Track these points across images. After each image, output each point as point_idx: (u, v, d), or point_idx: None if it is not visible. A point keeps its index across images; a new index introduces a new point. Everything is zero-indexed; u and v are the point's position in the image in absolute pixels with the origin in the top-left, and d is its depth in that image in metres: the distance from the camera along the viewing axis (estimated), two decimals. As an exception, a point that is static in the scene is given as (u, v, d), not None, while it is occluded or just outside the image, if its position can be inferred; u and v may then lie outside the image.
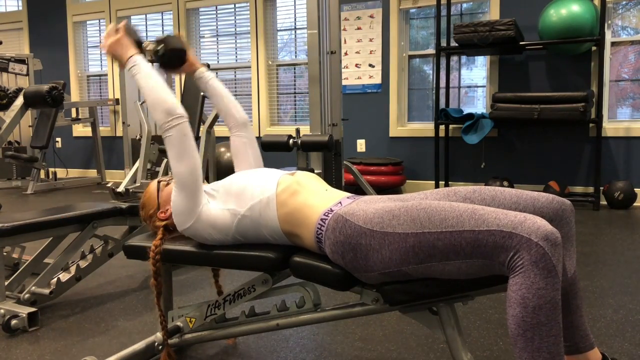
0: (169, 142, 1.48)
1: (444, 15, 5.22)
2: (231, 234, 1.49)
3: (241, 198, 1.48)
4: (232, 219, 1.48)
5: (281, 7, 6.20)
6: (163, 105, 1.48)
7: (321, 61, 3.92)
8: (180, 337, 1.67)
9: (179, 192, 1.49)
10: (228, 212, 1.48)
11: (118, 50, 1.57)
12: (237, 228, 1.48)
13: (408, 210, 1.25)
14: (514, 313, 1.11)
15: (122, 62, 1.57)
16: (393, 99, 5.56)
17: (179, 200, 1.50)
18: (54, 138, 7.42)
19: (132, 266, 2.91)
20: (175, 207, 1.51)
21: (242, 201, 1.48)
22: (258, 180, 1.50)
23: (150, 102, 1.50)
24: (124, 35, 1.58)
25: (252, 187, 1.49)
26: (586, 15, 4.39)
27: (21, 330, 2.04)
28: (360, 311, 1.42)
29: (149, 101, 1.50)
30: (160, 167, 5.49)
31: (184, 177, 1.48)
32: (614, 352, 1.76)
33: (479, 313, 2.15)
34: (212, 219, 1.49)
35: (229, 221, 1.48)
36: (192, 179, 1.48)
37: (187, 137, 1.48)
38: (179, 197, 1.50)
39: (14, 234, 2.12)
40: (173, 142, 1.47)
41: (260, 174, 1.53)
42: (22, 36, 7.73)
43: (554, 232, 1.10)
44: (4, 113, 5.69)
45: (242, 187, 1.50)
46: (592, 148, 4.79)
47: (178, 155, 1.47)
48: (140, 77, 1.53)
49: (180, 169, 1.47)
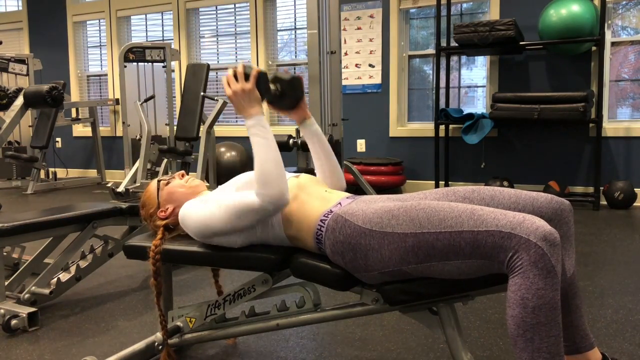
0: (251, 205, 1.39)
1: (444, 15, 5.22)
2: (239, 241, 1.48)
3: None
4: None
5: (281, 7, 6.20)
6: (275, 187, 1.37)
7: (321, 61, 3.92)
8: (180, 337, 1.68)
9: (229, 221, 1.42)
10: None
11: (244, 103, 1.42)
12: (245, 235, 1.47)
13: (407, 210, 1.25)
14: (514, 313, 1.11)
15: (242, 114, 1.43)
16: (393, 99, 5.56)
17: (227, 218, 1.42)
18: (54, 138, 7.42)
19: (132, 266, 2.91)
20: (214, 221, 1.44)
21: None
22: None
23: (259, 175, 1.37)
24: (254, 88, 1.42)
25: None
26: (586, 15, 4.39)
27: (21, 330, 2.04)
28: (360, 311, 1.42)
29: (259, 173, 1.37)
30: (160, 167, 5.50)
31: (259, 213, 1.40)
32: (614, 352, 1.76)
33: (479, 313, 2.15)
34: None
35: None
36: (255, 219, 1.42)
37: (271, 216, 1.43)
38: (229, 215, 1.42)
39: (14, 234, 2.12)
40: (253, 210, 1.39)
41: None
42: (22, 36, 7.73)
43: (552, 233, 1.10)
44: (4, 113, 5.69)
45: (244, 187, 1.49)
46: (592, 148, 4.78)
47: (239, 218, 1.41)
48: (260, 144, 1.39)
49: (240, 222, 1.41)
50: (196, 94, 5.00)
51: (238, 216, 1.40)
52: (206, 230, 1.46)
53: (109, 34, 7.09)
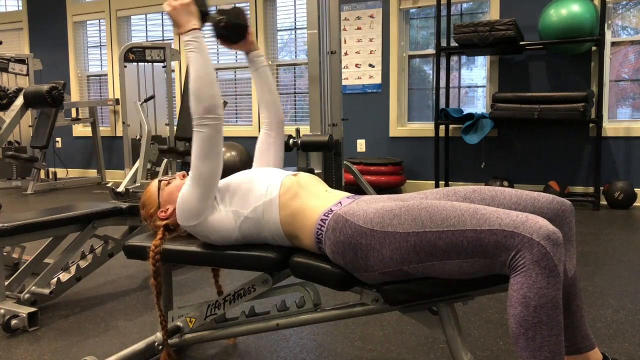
0: (199, 137, 1.43)
1: (444, 15, 5.22)
2: (234, 235, 1.48)
3: (245, 199, 1.48)
4: (236, 220, 1.47)
5: (281, 7, 6.20)
6: (207, 99, 1.42)
7: (321, 61, 3.92)
8: (180, 337, 1.67)
9: (193, 188, 1.47)
10: (232, 213, 1.48)
11: (181, 16, 1.48)
12: (240, 229, 1.48)
13: (409, 210, 1.25)
14: (516, 312, 1.11)
15: (181, 30, 1.49)
16: (393, 99, 5.56)
17: (191, 197, 1.47)
18: (54, 138, 7.42)
19: (132, 266, 2.91)
20: (183, 201, 1.49)
21: (246, 202, 1.47)
22: (262, 181, 1.50)
23: (194, 89, 1.43)
24: (192, 2, 1.50)
25: (256, 188, 1.48)
26: (586, 15, 4.39)
27: (21, 330, 2.04)
28: (360, 311, 1.42)
29: (193, 88, 1.43)
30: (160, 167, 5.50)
31: (204, 176, 1.45)
32: (614, 352, 1.76)
33: (479, 313, 2.14)
34: (216, 220, 1.48)
35: (232, 222, 1.48)
36: (210, 180, 1.46)
37: (218, 138, 1.45)
38: (191, 193, 1.47)
39: (14, 234, 2.12)
40: (203, 139, 1.43)
41: (264, 175, 1.52)
42: (22, 36, 7.73)
43: (555, 232, 1.10)
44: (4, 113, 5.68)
45: (246, 188, 1.49)
46: (592, 148, 4.78)
47: (204, 153, 1.44)
48: (195, 58, 1.45)
49: (203, 167, 1.45)
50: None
51: (199, 159, 1.44)
52: (187, 217, 1.50)
53: (109, 34, 7.09)
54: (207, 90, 1.43)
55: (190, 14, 1.49)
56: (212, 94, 1.43)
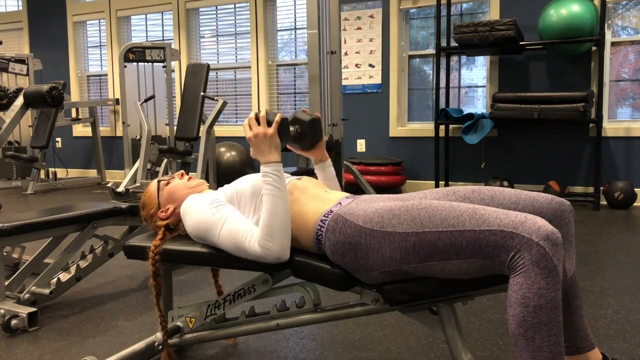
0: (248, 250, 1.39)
1: (444, 15, 5.22)
2: None
3: (250, 205, 1.48)
4: None
5: (281, 7, 6.20)
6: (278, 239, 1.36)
7: (321, 61, 3.92)
8: (180, 337, 1.67)
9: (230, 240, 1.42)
10: None
11: (263, 147, 1.40)
12: None
13: (408, 210, 1.25)
14: (515, 313, 1.11)
15: (261, 159, 1.41)
16: (393, 99, 5.56)
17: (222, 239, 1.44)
18: (54, 138, 7.42)
19: (132, 266, 2.91)
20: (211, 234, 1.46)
21: (251, 208, 1.48)
22: None
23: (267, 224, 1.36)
24: (275, 134, 1.40)
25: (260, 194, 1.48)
26: (586, 15, 4.39)
27: (21, 330, 2.04)
28: (360, 311, 1.42)
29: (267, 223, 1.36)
30: (160, 167, 5.50)
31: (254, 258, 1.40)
32: (614, 352, 1.76)
33: (479, 313, 2.14)
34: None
35: None
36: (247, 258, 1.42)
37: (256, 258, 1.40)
38: (225, 239, 1.43)
39: (14, 234, 2.12)
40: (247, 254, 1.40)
41: None
42: (22, 36, 7.73)
43: (554, 232, 1.10)
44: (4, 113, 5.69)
45: (251, 193, 1.49)
46: (592, 148, 4.78)
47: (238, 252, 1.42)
48: (273, 193, 1.37)
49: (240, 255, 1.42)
50: (196, 94, 5.00)
51: (234, 245, 1.42)
52: (200, 235, 1.50)
53: (109, 34, 7.09)
54: (279, 233, 1.36)
55: (272, 146, 1.40)
56: (282, 238, 1.36)
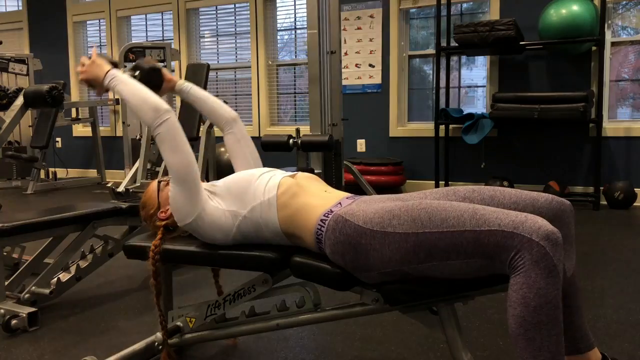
0: (160, 139, 1.48)
1: (444, 15, 5.21)
2: (232, 234, 1.49)
3: (242, 199, 1.48)
4: (234, 220, 1.48)
5: (281, 7, 6.20)
6: (148, 104, 1.49)
7: (321, 61, 3.92)
8: (180, 337, 1.67)
9: (177, 186, 1.49)
10: (229, 213, 1.48)
11: (94, 71, 1.58)
12: (238, 229, 1.48)
13: (408, 210, 1.25)
14: (515, 313, 1.11)
15: (100, 80, 1.57)
16: (393, 99, 5.56)
17: (178, 194, 1.50)
18: (54, 138, 7.41)
19: (132, 266, 2.90)
20: (174, 202, 1.51)
21: (244, 202, 1.48)
22: (259, 181, 1.50)
23: (135, 105, 1.50)
24: (96, 57, 1.60)
25: (253, 188, 1.49)
26: (586, 15, 4.39)
27: (21, 330, 2.04)
28: (360, 311, 1.42)
29: (134, 105, 1.50)
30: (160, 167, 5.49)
31: (180, 170, 1.48)
32: (614, 352, 1.76)
33: (479, 313, 2.14)
34: (214, 220, 1.49)
35: (230, 222, 1.48)
36: (188, 171, 1.48)
37: (177, 131, 1.49)
38: (177, 191, 1.50)
39: (14, 234, 2.12)
40: (164, 138, 1.48)
41: (261, 175, 1.53)
42: (22, 36, 7.73)
43: (555, 232, 1.10)
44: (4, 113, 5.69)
45: (243, 188, 1.50)
46: (592, 148, 4.78)
47: (171, 150, 1.48)
48: (121, 85, 1.54)
49: (175, 162, 1.48)
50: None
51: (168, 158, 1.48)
52: (176, 207, 1.52)
53: (109, 34, 7.09)
54: (142, 96, 1.50)
55: (99, 65, 1.58)
56: (147, 96, 1.50)
